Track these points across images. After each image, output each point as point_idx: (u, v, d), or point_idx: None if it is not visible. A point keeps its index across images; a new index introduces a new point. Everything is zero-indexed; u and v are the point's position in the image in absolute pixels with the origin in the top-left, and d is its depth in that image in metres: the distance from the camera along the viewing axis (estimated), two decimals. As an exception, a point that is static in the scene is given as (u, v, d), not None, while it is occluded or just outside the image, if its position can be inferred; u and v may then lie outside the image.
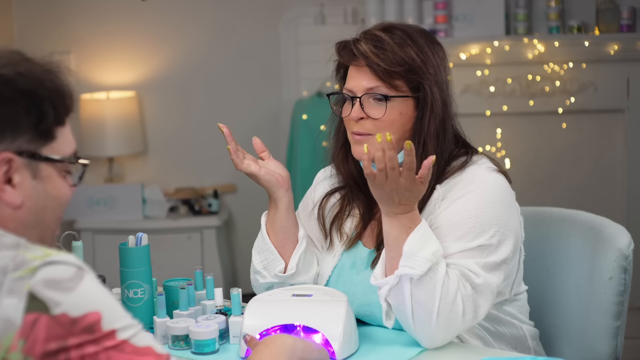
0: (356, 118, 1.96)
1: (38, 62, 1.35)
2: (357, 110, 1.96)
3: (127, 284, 2.00)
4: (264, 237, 2.08)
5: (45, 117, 1.32)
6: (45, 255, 1.25)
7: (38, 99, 1.31)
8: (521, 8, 4.05)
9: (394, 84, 1.95)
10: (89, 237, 4.33)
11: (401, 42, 1.95)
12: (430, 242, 1.82)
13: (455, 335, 1.88)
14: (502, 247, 1.89)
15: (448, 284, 1.81)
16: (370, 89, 1.95)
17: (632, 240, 2.11)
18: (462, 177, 1.96)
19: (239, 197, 4.67)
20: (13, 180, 1.30)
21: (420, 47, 1.96)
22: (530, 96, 3.97)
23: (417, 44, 1.97)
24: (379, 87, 1.95)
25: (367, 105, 1.96)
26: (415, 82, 1.95)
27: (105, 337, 1.23)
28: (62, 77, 1.36)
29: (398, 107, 1.95)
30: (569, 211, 2.28)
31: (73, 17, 4.56)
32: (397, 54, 1.94)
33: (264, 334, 1.82)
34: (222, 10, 4.60)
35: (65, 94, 1.36)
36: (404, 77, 1.95)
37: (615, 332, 2.10)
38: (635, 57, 3.96)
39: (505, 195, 1.96)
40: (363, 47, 1.95)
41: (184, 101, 4.65)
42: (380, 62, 1.93)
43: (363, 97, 1.96)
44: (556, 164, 4.05)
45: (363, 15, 4.32)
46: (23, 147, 1.31)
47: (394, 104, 1.95)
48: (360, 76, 1.97)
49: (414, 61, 1.94)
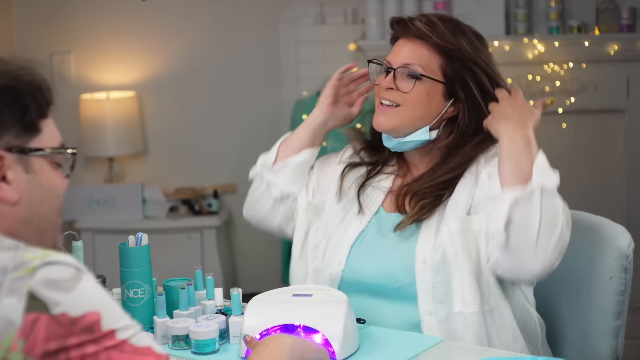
0: (385, 87, 2.08)
1: (10, 60, 1.35)
2: (388, 80, 2.08)
3: (127, 284, 2.00)
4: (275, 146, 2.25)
5: (28, 111, 1.32)
6: (44, 256, 1.25)
7: (18, 93, 1.31)
8: (521, 8, 4.05)
9: (432, 66, 2.06)
10: (89, 237, 4.33)
11: (453, 30, 2.07)
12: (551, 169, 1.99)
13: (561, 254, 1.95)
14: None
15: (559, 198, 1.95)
16: (407, 64, 2.07)
17: (632, 240, 2.11)
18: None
19: (239, 197, 4.67)
20: (7, 177, 1.31)
21: (470, 40, 2.08)
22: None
23: (468, 36, 2.08)
24: (414, 65, 2.06)
25: (399, 78, 2.07)
26: (456, 69, 2.05)
27: (105, 336, 1.23)
28: (36, 71, 1.36)
29: (426, 88, 2.06)
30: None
31: (73, 18, 4.56)
32: (448, 37, 2.06)
33: (264, 334, 1.82)
34: (222, 10, 4.60)
35: (43, 87, 1.36)
36: (446, 61, 2.06)
37: (616, 331, 2.10)
38: (635, 57, 3.96)
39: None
40: (418, 24, 2.07)
41: (184, 101, 4.65)
42: (433, 36, 2.05)
43: (398, 69, 2.07)
44: (556, 164, 4.03)
45: (363, 15, 4.32)
46: (11, 143, 1.31)
47: (425, 84, 2.06)
48: (402, 51, 2.09)
49: (462, 45, 2.06)
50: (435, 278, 1.98)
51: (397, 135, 2.09)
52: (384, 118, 2.08)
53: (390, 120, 2.08)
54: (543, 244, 1.90)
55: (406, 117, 2.07)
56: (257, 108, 4.64)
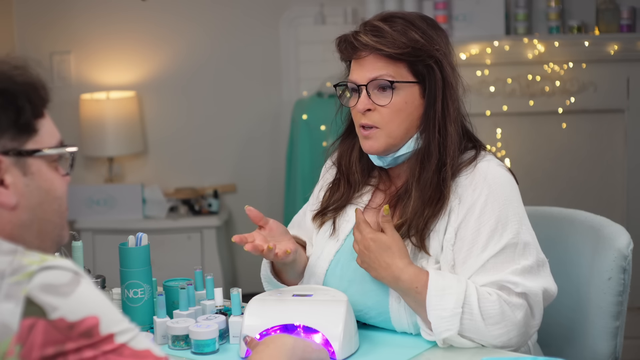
0: (362, 109, 1.96)
1: (3, 60, 1.33)
2: (363, 101, 1.96)
3: (127, 284, 2.00)
4: (271, 279, 2.10)
5: (22, 112, 1.30)
6: (42, 261, 1.23)
7: (11, 95, 1.29)
8: (521, 8, 4.05)
9: (399, 71, 1.94)
10: (89, 237, 4.33)
11: (402, 29, 1.94)
12: (448, 296, 1.84)
13: (533, 333, 1.92)
14: (529, 248, 1.91)
15: (488, 306, 1.84)
16: (374, 78, 1.94)
17: (631, 240, 2.11)
18: (475, 174, 1.96)
19: (239, 197, 4.67)
20: (5, 181, 1.29)
21: (423, 31, 1.96)
22: (530, 96, 3.97)
23: (420, 28, 1.96)
24: (383, 75, 1.94)
25: (372, 95, 1.95)
26: (421, 67, 1.94)
27: (103, 341, 1.22)
28: (30, 70, 1.33)
29: (403, 96, 1.95)
30: (569, 211, 2.28)
31: (73, 17, 4.56)
32: (399, 39, 1.93)
33: (264, 334, 1.82)
34: (222, 10, 4.60)
35: (38, 86, 1.33)
36: (409, 63, 1.94)
37: (615, 332, 2.10)
38: (635, 57, 3.96)
39: (517, 192, 1.99)
40: (363, 38, 1.94)
41: (184, 101, 4.65)
42: (384, 47, 1.92)
43: (369, 86, 1.95)
44: (556, 164, 4.05)
45: (363, 15, 4.32)
46: (7, 146, 1.29)
47: (399, 92, 1.94)
48: (363, 67, 1.95)
49: (418, 42, 1.93)
50: (410, 319, 1.93)
51: (388, 154, 1.99)
52: (371, 142, 1.97)
53: (378, 142, 1.96)
54: (496, 345, 1.87)
55: (392, 134, 1.96)
56: (257, 108, 4.64)
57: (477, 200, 1.92)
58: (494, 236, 1.89)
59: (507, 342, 1.86)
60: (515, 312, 1.86)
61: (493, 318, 1.84)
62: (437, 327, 1.84)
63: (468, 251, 1.90)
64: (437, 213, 1.93)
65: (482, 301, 1.84)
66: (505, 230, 1.90)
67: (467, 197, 1.93)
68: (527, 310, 1.87)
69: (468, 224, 1.91)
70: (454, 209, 1.93)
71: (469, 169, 1.97)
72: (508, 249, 1.89)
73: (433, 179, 1.94)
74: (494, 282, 1.87)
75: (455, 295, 1.83)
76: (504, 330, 1.85)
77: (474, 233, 1.91)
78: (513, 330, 1.86)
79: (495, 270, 1.88)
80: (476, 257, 1.89)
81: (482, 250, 1.89)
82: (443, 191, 1.93)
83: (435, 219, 1.93)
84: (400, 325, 1.94)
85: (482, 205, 1.92)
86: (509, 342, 1.86)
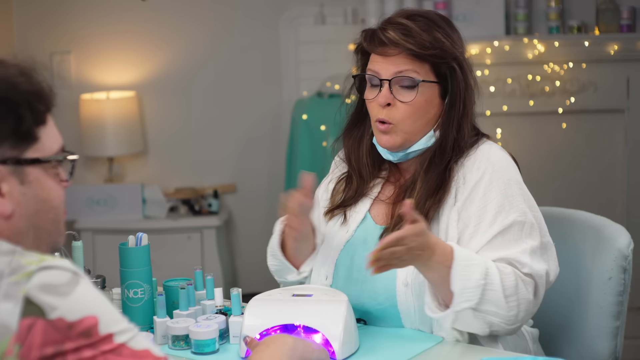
0: (383, 103, 1.97)
1: (10, 64, 1.30)
2: (385, 95, 1.97)
3: (127, 284, 2.00)
4: (276, 252, 2.10)
5: (23, 121, 1.28)
6: (41, 260, 1.23)
7: (13, 103, 1.27)
8: (521, 8, 4.05)
9: (423, 70, 1.96)
10: (89, 237, 4.33)
11: (426, 27, 1.97)
12: (473, 267, 1.84)
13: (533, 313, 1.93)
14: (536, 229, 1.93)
15: (505, 278, 1.85)
16: (400, 72, 1.96)
17: (631, 240, 2.11)
18: (477, 155, 1.98)
19: (239, 197, 4.67)
20: (1, 189, 1.28)
21: (445, 32, 1.99)
22: (530, 96, 3.97)
23: (442, 27, 1.99)
24: (409, 71, 1.96)
25: (394, 90, 1.97)
26: (444, 68, 1.97)
27: (102, 341, 1.22)
28: (36, 75, 1.31)
29: (425, 94, 1.97)
30: (569, 211, 2.28)
31: (73, 18, 4.56)
32: (427, 40, 1.95)
33: (264, 334, 1.82)
34: (222, 10, 4.60)
35: (42, 93, 1.31)
36: (433, 63, 1.97)
37: (615, 332, 2.10)
38: (635, 57, 3.96)
39: (519, 175, 2.00)
40: (391, 34, 1.96)
41: (184, 101, 4.65)
42: (413, 46, 1.94)
43: (392, 81, 1.96)
44: (556, 164, 4.05)
45: (363, 15, 4.32)
46: (6, 155, 1.27)
47: (422, 90, 1.96)
48: (388, 61, 1.97)
49: (444, 44, 1.96)
50: (417, 302, 1.94)
51: (402, 149, 2.01)
52: (388, 137, 1.99)
53: (395, 138, 1.98)
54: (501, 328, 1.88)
55: (410, 131, 1.98)
56: (257, 108, 4.64)
57: (481, 179, 1.95)
58: (501, 212, 1.91)
59: (515, 318, 1.87)
60: (528, 288, 1.88)
61: (509, 290, 1.85)
62: (459, 297, 1.83)
63: (475, 227, 1.92)
64: (437, 202, 1.96)
65: (502, 273, 1.86)
66: (512, 207, 1.92)
67: (471, 177, 1.96)
68: (535, 289, 1.90)
69: (473, 202, 1.94)
70: (460, 189, 1.96)
71: (471, 151, 2.00)
72: (515, 226, 1.91)
73: (440, 173, 1.98)
74: (502, 258, 1.89)
75: (479, 266, 1.84)
76: (514, 304, 1.86)
77: (480, 210, 1.93)
78: (522, 305, 1.87)
79: (503, 247, 1.90)
80: (483, 233, 1.91)
81: (490, 225, 1.91)
82: (446, 183, 1.96)
83: (438, 207, 1.96)
84: (406, 308, 1.95)
85: (487, 183, 1.94)
86: (516, 317, 1.87)
